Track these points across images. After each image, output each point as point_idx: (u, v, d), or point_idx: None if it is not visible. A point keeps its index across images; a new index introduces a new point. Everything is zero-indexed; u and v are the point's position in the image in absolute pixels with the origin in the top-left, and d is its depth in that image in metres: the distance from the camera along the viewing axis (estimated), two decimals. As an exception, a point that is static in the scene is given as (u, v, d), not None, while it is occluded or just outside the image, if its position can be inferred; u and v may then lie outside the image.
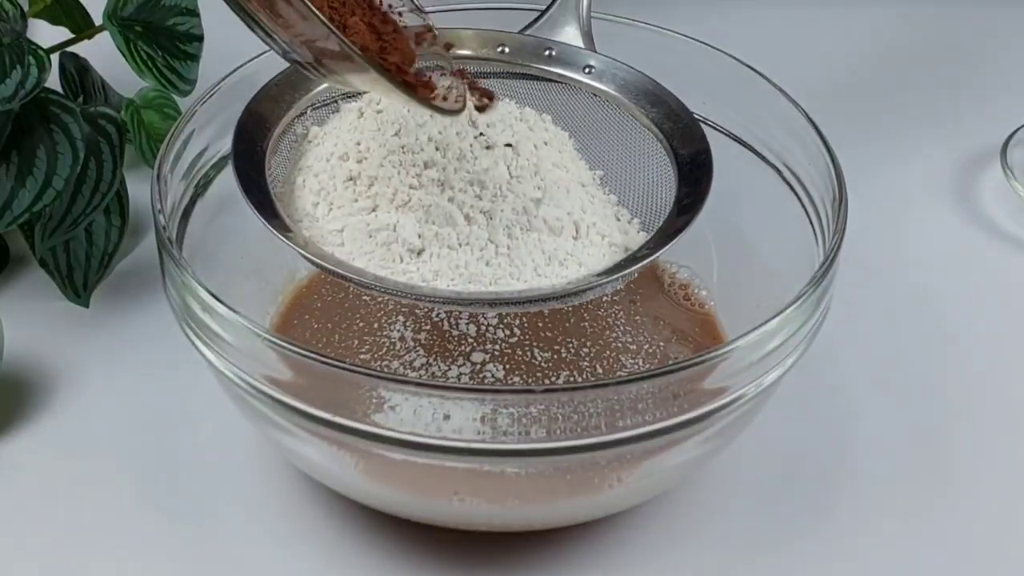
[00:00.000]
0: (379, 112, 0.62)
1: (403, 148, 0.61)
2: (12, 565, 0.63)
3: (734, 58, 0.68)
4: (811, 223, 0.65)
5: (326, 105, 0.64)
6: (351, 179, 0.61)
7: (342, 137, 0.62)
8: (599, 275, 0.60)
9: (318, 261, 0.59)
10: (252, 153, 0.61)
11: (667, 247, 0.60)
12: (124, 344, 0.72)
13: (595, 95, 0.66)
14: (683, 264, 0.72)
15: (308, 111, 0.64)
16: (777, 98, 0.66)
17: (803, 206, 0.66)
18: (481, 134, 0.62)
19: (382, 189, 0.60)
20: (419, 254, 0.59)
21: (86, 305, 0.74)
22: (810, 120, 0.65)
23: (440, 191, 0.60)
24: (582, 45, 0.67)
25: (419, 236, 0.59)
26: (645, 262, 0.60)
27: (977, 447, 0.68)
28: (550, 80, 0.66)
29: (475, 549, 0.63)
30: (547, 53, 0.67)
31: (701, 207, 0.61)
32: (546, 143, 0.64)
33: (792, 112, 0.66)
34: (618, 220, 0.63)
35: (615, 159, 0.65)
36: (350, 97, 0.64)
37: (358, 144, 0.61)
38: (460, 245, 0.59)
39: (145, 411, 0.69)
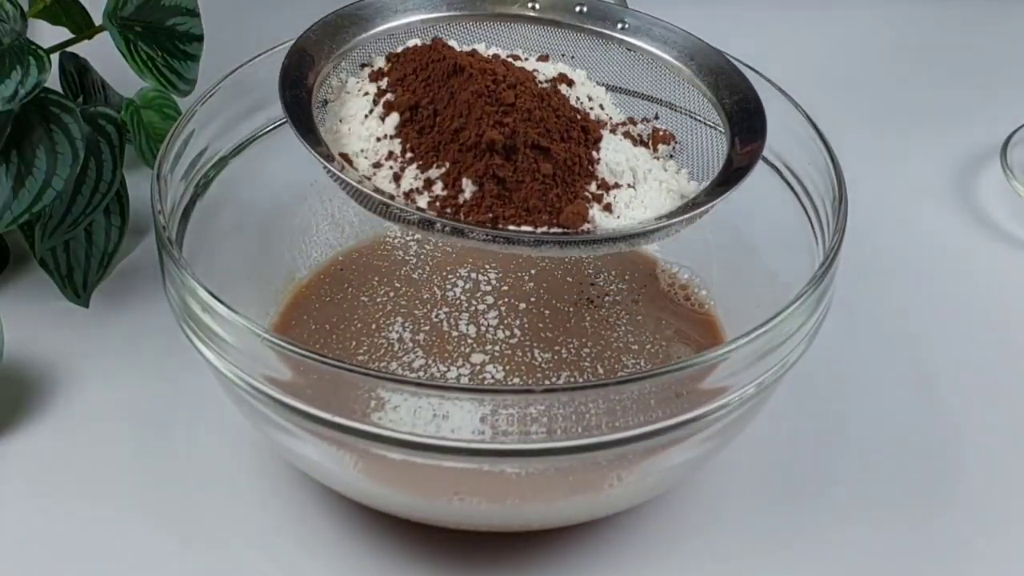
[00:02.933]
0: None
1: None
2: (12, 564, 0.63)
3: (734, 58, 0.67)
4: (811, 223, 0.65)
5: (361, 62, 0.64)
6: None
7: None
8: (670, 215, 0.60)
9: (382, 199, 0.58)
10: (300, 97, 0.61)
11: (739, 184, 0.60)
12: (124, 344, 0.72)
13: (630, 49, 0.66)
14: (683, 264, 0.72)
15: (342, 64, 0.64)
16: (777, 98, 0.66)
17: (803, 206, 0.66)
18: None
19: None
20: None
21: (86, 305, 0.74)
22: (810, 120, 0.65)
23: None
24: (613, 1, 0.67)
25: (480, 186, 0.59)
26: (722, 198, 0.60)
27: (977, 447, 0.68)
28: (583, 32, 0.66)
29: (475, 549, 0.63)
30: (578, 9, 0.67)
31: (763, 143, 0.61)
32: (589, 96, 0.64)
33: (792, 112, 0.66)
34: (665, 171, 0.63)
35: (653, 113, 0.66)
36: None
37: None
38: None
39: (145, 411, 0.69)
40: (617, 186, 0.60)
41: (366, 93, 0.62)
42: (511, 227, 0.58)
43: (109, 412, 0.69)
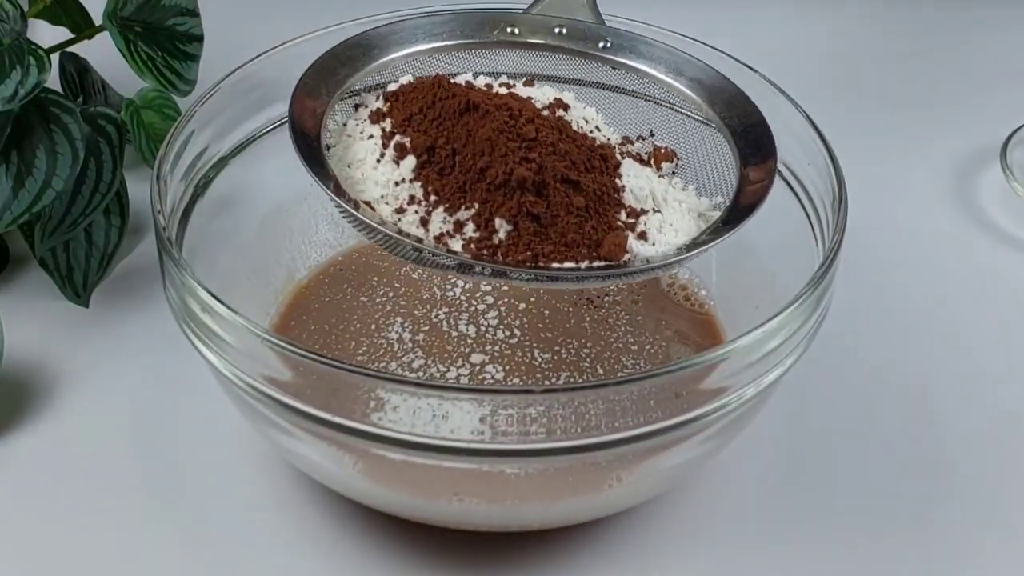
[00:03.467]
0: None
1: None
2: (12, 564, 0.63)
3: (734, 58, 0.68)
4: (811, 223, 0.65)
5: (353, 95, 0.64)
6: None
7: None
8: (704, 238, 0.60)
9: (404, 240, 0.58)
10: (311, 146, 0.60)
11: (763, 202, 0.60)
12: (124, 344, 0.72)
13: (615, 68, 0.66)
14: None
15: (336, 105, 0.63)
16: (777, 98, 0.66)
17: (803, 206, 0.66)
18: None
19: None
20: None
21: (86, 305, 0.74)
22: (810, 120, 0.65)
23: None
24: (592, 20, 0.67)
25: (515, 224, 0.58)
26: (752, 215, 0.60)
27: (977, 447, 0.68)
28: (566, 53, 0.66)
29: (475, 549, 0.63)
30: (557, 30, 0.66)
31: (775, 156, 0.62)
32: (585, 120, 0.64)
33: (792, 112, 0.66)
34: (673, 188, 0.63)
35: (648, 130, 0.66)
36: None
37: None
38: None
39: (145, 411, 0.69)
40: (644, 212, 0.60)
41: (370, 136, 0.61)
42: (554, 264, 0.57)
43: (109, 412, 0.69)
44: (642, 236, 0.59)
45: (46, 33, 0.79)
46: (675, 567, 0.63)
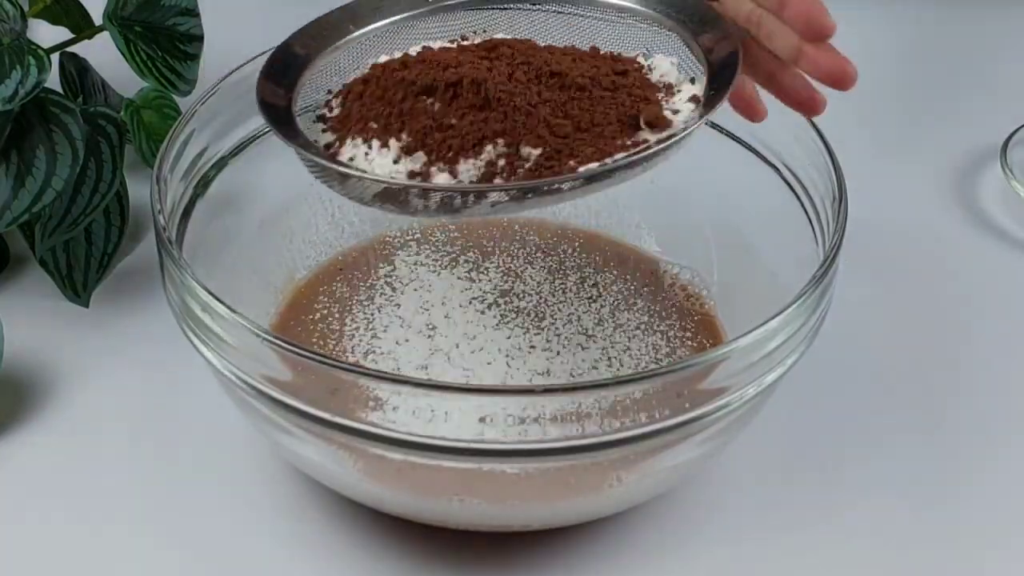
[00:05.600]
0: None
1: None
2: (12, 564, 0.63)
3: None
4: (811, 223, 0.65)
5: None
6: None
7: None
8: (709, 94, 0.60)
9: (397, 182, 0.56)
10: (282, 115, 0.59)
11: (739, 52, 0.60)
12: (124, 344, 0.72)
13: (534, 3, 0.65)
14: (683, 264, 0.72)
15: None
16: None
17: (803, 206, 0.66)
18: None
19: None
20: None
21: (86, 305, 0.74)
22: (810, 120, 0.65)
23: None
24: None
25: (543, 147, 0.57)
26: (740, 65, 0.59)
27: (978, 446, 0.68)
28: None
29: (475, 549, 0.63)
30: None
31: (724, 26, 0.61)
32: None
33: (792, 112, 0.66)
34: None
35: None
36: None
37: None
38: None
39: (145, 411, 0.69)
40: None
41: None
42: (607, 160, 0.56)
43: (109, 412, 0.69)
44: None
45: (46, 33, 0.79)
46: (675, 567, 0.63)
